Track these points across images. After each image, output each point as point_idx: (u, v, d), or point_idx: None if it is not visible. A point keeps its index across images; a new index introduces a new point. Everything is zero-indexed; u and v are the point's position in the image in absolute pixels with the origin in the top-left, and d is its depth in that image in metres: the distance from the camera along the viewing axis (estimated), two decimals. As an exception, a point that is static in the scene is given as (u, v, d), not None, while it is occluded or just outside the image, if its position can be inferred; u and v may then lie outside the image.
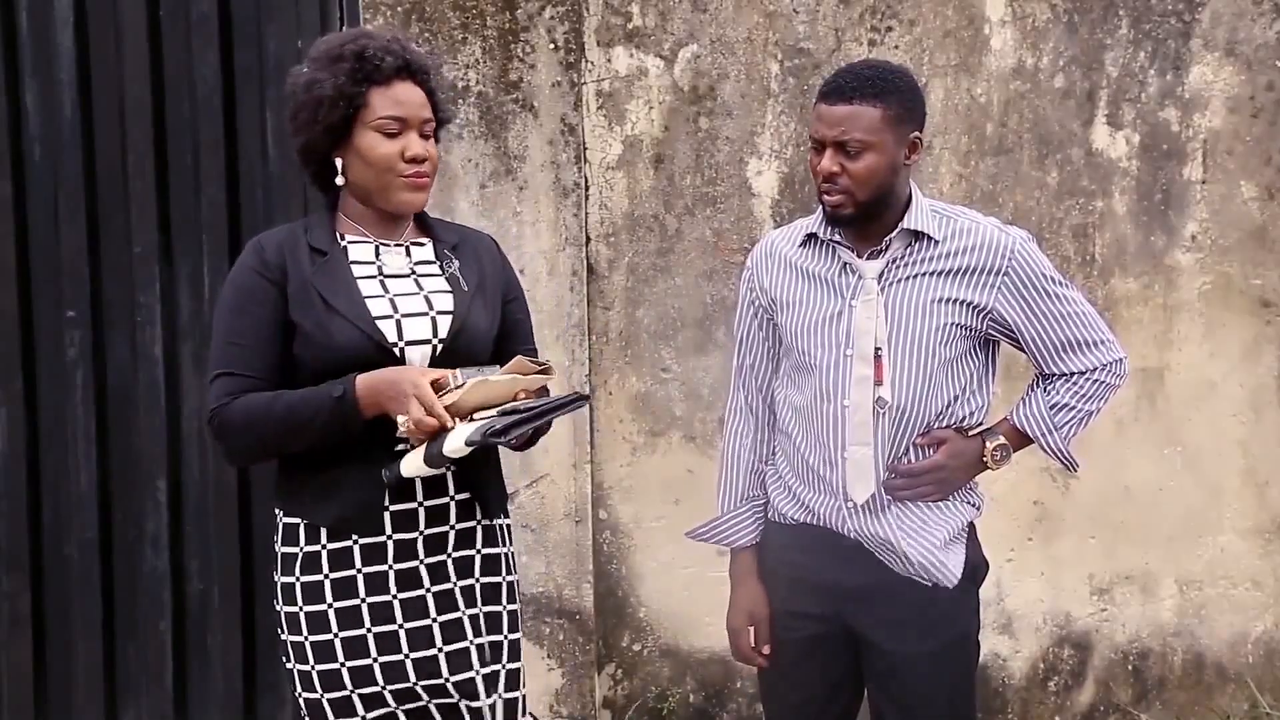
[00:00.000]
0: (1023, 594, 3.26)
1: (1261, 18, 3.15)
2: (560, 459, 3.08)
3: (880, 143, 2.01)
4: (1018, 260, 2.07)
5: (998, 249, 2.07)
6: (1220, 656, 3.31)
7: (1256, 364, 3.24)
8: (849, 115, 2.00)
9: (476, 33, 2.99)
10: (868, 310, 2.08)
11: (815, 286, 2.13)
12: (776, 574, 2.23)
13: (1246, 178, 3.19)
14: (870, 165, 2.01)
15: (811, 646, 2.19)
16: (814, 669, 2.20)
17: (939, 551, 2.12)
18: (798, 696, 2.23)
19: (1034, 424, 2.14)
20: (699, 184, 3.11)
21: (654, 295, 3.12)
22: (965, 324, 2.08)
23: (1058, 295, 2.11)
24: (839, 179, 2.02)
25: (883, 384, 2.07)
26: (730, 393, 2.29)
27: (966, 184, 3.14)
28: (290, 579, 1.94)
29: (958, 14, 3.10)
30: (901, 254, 2.08)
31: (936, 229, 2.08)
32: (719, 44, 3.08)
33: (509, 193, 3.03)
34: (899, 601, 2.12)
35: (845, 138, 2.00)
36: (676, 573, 3.17)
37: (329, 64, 1.88)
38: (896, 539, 2.11)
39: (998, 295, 2.07)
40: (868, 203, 2.04)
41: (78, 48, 2.90)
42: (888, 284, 2.08)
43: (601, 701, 3.22)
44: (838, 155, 2.02)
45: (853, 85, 2.01)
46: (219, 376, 1.88)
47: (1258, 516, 3.28)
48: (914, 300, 2.07)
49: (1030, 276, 2.08)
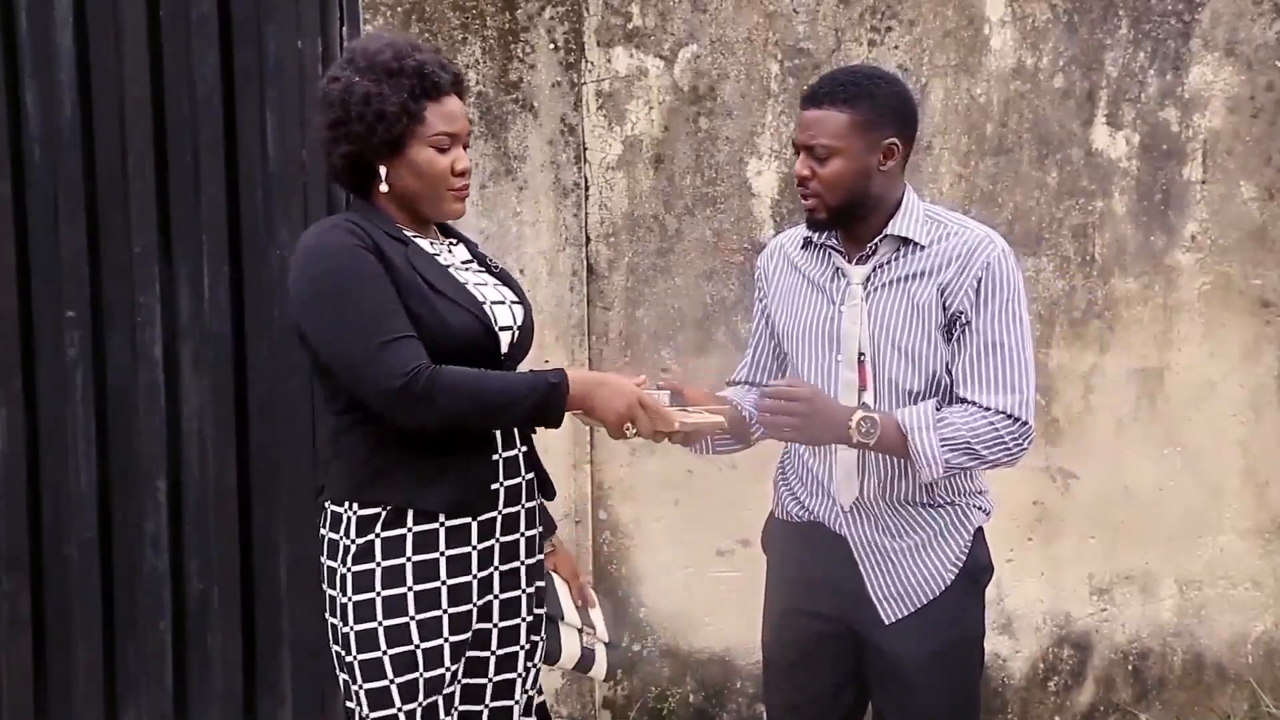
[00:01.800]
0: (1023, 594, 3.26)
1: (1261, 18, 3.15)
2: (560, 459, 3.08)
3: (846, 148, 2.01)
4: (989, 270, 2.02)
5: (974, 253, 2.04)
6: (1220, 656, 3.31)
7: (1256, 364, 3.24)
8: (816, 120, 2.02)
9: (476, 33, 2.99)
10: (853, 315, 2.08)
11: (809, 290, 2.15)
12: (784, 572, 2.24)
13: (1246, 178, 3.19)
14: (836, 170, 2.02)
15: (816, 646, 2.19)
16: (818, 668, 2.20)
17: (923, 556, 2.11)
18: (800, 696, 2.23)
19: (912, 417, 2.01)
20: (699, 184, 3.11)
21: (654, 295, 3.12)
22: (940, 327, 2.05)
23: (1010, 321, 2.02)
24: (810, 183, 2.04)
25: (867, 389, 2.07)
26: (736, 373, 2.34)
27: (966, 184, 3.14)
28: (369, 565, 1.91)
29: (958, 14, 3.10)
30: (889, 259, 2.08)
31: (924, 234, 2.06)
32: (719, 44, 3.08)
33: (509, 193, 3.03)
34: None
35: (813, 142, 2.02)
36: (676, 573, 3.16)
37: (387, 78, 1.89)
38: (881, 542, 2.11)
39: (959, 297, 2.03)
40: (839, 207, 2.05)
41: (78, 48, 2.90)
42: (873, 289, 2.08)
43: (601, 702, 3.22)
44: (809, 159, 2.04)
45: (825, 90, 2.03)
46: (397, 340, 1.82)
47: (1258, 516, 3.28)
48: (895, 305, 2.07)
49: (996, 287, 2.02)
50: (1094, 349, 3.20)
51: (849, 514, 2.12)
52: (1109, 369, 3.21)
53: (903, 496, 2.10)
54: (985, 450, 2.02)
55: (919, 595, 2.11)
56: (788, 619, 2.21)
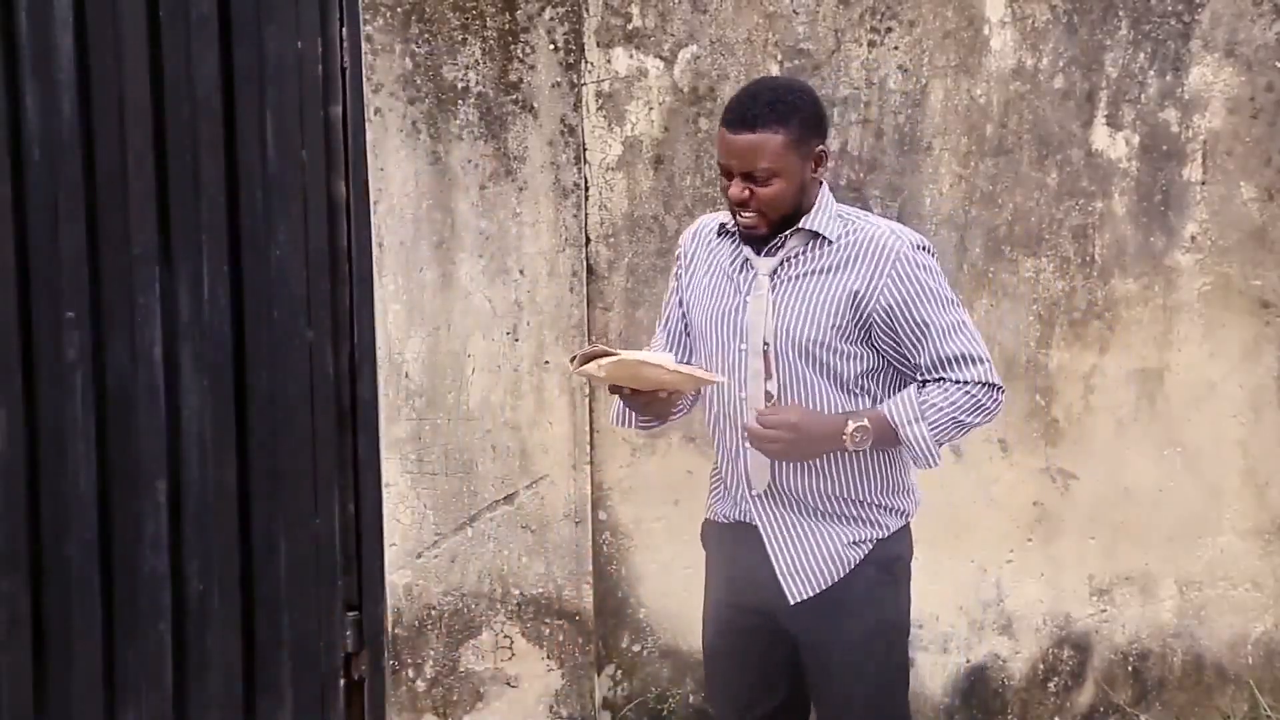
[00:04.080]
0: (1022, 595, 3.26)
1: (1261, 18, 3.15)
2: (560, 460, 3.08)
3: (785, 167, 2.05)
4: (902, 264, 2.09)
5: (884, 251, 2.10)
6: (1220, 657, 3.31)
7: (1256, 364, 3.24)
8: (753, 145, 2.04)
9: (476, 33, 2.99)
10: (758, 305, 2.14)
11: (720, 279, 2.21)
12: (716, 569, 2.32)
13: (1246, 178, 3.19)
14: (779, 189, 2.07)
15: (748, 637, 2.26)
16: (752, 659, 2.27)
17: (826, 537, 2.17)
18: (737, 685, 2.31)
19: (899, 410, 2.10)
20: (699, 185, 3.11)
21: (654, 296, 3.12)
22: (848, 324, 2.11)
23: (933, 307, 2.10)
24: (750, 203, 2.07)
25: (771, 378, 2.13)
26: (655, 335, 2.40)
27: (966, 185, 3.14)
28: None
29: (957, 15, 3.10)
30: (798, 252, 2.13)
31: (834, 231, 2.12)
32: (719, 45, 3.08)
33: (509, 193, 3.03)
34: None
35: (752, 167, 2.05)
36: (676, 573, 3.16)
37: None
38: (786, 519, 2.17)
39: (878, 298, 2.09)
40: (779, 221, 2.10)
41: (77, 48, 2.90)
42: (779, 281, 2.13)
43: (601, 702, 3.22)
44: (746, 183, 2.06)
45: (755, 112, 2.04)
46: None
47: (1258, 517, 3.28)
48: (799, 298, 2.12)
49: (911, 283, 2.09)
50: (1094, 349, 3.20)
51: (761, 499, 2.19)
52: (1109, 369, 3.21)
53: (810, 485, 2.17)
54: (968, 417, 2.12)
55: (822, 577, 2.16)
56: (720, 611, 2.29)
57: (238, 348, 3.01)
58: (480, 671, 3.12)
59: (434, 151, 2.99)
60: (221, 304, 2.99)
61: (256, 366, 3.02)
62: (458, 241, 3.02)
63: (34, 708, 3.01)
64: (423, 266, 3.01)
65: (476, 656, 3.12)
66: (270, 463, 3.04)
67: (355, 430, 3.08)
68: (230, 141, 2.97)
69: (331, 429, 3.06)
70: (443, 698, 3.12)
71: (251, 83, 2.96)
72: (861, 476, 2.18)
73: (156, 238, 2.96)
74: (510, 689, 3.13)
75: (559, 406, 3.07)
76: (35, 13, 2.88)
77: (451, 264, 3.02)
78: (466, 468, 3.06)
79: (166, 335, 2.98)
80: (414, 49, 2.97)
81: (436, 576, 3.09)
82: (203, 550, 3.04)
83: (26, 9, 2.87)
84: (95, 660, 3.01)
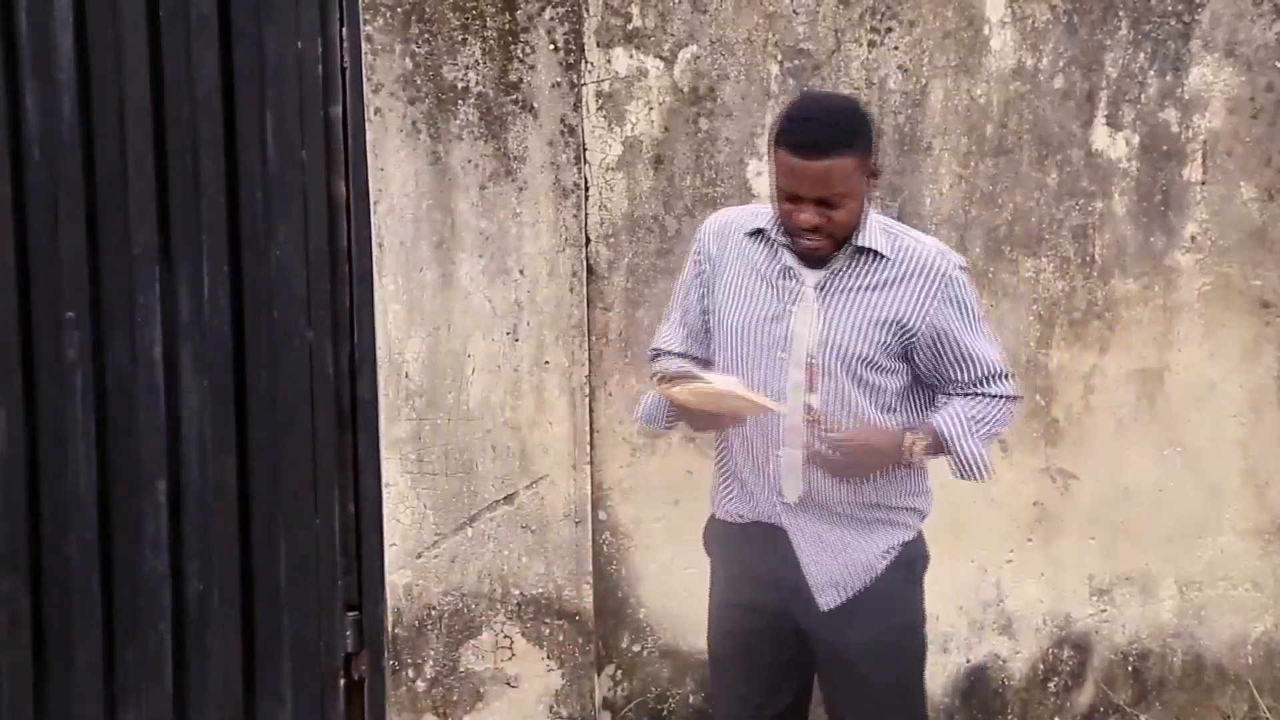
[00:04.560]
0: (1022, 595, 3.26)
1: (1261, 19, 3.15)
2: (560, 460, 3.08)
3: (856, 189, 2.05)
4: (951, 288, 2.13)
5: (934, 274, 2.12)
6: (1220, 658, 3.31)
7: (1256, 364, 3.24)
8: (828, 171, 2.01)
9: (476, 33, 2.99)
10: (805, 317, 2.12)
11: (757, 283, 2.18)
12: (727, 569, 2.32)
13: (1246, 179, 3.19)
14: (850, 211, 2.07)
15: (758, 638, 2.27)
16: (760, 660, 2.28)
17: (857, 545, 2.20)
18: (743, 687, 2.31)
19: (953, 425, 2.16)
20: (699, 185, 3.11)
21: (654, 296, 3.12)
22: (894, 341, 2.13)
23: (974, 330, 2.17)
24: (822, 228, 2.06)
25: (815, 392, 2.12)
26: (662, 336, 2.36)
27: (966, 185, 3.14)
28: None
29: (957, 15, 3.10)
30: (844, 266, 2.12)
31: (885, 246, 2.12)
32: (719, 45, 3.08)
33: (509, 194, 3.03)
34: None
35: (828, 193, 2.02)
36: (676, 574, 3.16)
37: None
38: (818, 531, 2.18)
39: (928, 320, 2.12)
40: (843, 240, 2.10)
41: (77, 48, 2.90)
42: (826, 294, 2.12)
43: (601, 702, 3.22)
44: (820, 209, 2.04)
45: (826, 138, 2.00)
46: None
47: (1258, 517, 3.28)
48: (849, 313, 2.12)
49: (958, 307, 2.14)
50: (1094, 349, 3.20)
51: (792, 508, 2.19)
52: (1109, 369, 3.21)
53: (843, 495, 2.19)
54: (1001, 429, 2.24)
55: (854, 585, 2.18)
56: (728, 612, 2.29)
57: (238, 348, 3.01)
58: (480, 671, 3.12)
59: (434, 151, 2.99)
60: (221, 304, 2.99)
61: (256, 366, 3.02)
62: (458, 241, 3.02)
63: (34, 708, 3.01)
64: (423, 266, 3.01)
65: (476, 656, 3.12)
66: (270, 463, 3.04)
67: (355, 430, 3.08)
68: (230, 141, 2.97)
69: (331, 429, 3.06)
70: (443, 698, 3.12)
71: (251, 83, 2.96)
72: (889, 482, 2.21)
73: (156, 238, 2.96)
74: (510, 689, 3.13)
75: (559, 406, 3.07)
76: (35, 13, 2.88)
77: (451, 264, 3.02)
78: (466, 468, 3.06)
79: (166, 335, 2.98)
80: (414, 49, 2.97)
81: (436, 576, 3.09)
82: (203, 550, 3.04)
83: (26, 9, 2.87)
84: (95, 660, 3.01)
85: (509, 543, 3.09)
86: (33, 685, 3.00)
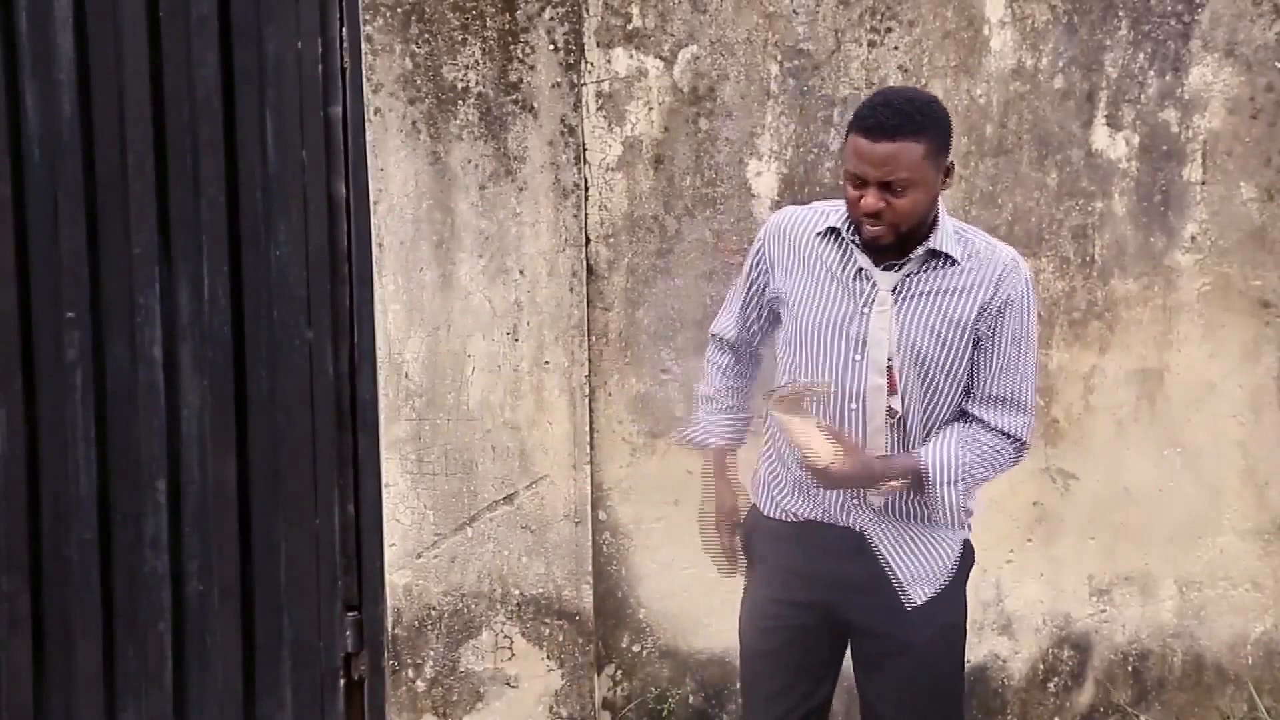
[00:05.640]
0: (1022, 595, 3.26)
1: (1261, 19, 3.15)
2: (560, 460, 3.08)
3: (922, 178, 2.03)
4: (1021, 291, 2.12)
5: (1006, 276, 2.11)
6: (1220, 658, 3.31)
7: (1256, 365, 3.24)
8: (893, 154, 2.00)
9: (476, 34, 2.99)
10: (881, 320, 2.11)
11: (830, 284, 2.16)
12: (767, 562, 2.31)
13: (1246, 179, 3.19)
14: (914, 200, 2.04)
15: (797, 635, 2.26)
16: (796, 656, 2.27)
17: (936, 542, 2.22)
18: (777, 683, 2.30)
19: (944, 471, 2.13)
20: (699, 185, 3.11)
21: (654, 296, 3.12)
22: (966, 345, 2.12)
23: (1026, 344, 2.15)
24: (884, 214, 2.04)
25: (895, 394, 2.12)
26: (720, 322, 2.39)
27: (966, 185, 3.14)
28: None
29: (957, 15, 3.10)
30: (918, 269, 2.12)
31: (957, 251, 2.11)
32: (719, 45, 3.08)
33: (508, 194, 3.03)
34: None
35: (891, 177, 2.01)
36: (676, 574, 3.17)
37: None
38: (905, 532, 2.20)
39: (988, 319, 2.11)
40: (908, 232, 2.08)
41: (77, 48, 2.90)
42: (901, 297, 2.11)
43: (601, 702, 3.22)
44: (883, 193, 2.02)
45: (895, 122, 2.00)
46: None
47: (1257, 517, 3.28)
48: (925, 317, 2.11)
49: (1020, 311, 2.12)
50: (1094, 349, 3.20)
51: (873, 511, 2.19)
52: (1109, 370, 3.21)
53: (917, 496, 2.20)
54: (991, 474, 2.18)
55: (939, 579, 2.20)
56: (774, 607, 2.27)
57: (238, 348, 3.01)
58: (480, 671, 3.12)
59: (434, 151, 3.00)
60: (221, 304, 2.99)
61: (256, 366, 3.02)
62: (458, 241, 3.02)
63: (34, 708, 3.01)
64: (423, 266, 3.01)
65: (476, 656, 3.12)
66: (270, 463, 3.04)
67: (355, 430, 3.08)
68: (230, 141, 2.97)
69: (331, 429, 3.06)
70: (443, 698, 3.12)
71: (251, 83, 2.96)
72: None
73: (156, 238, 2.96)
74: (510, 689, 3.13)
75: (559, 406, 3.07)
76: (35, 13, 2.88)
77: (451, 264, 3.02)
78: (466, 468, 3.06)
79: (166, 335, 2.98)
80: (414, 49, 2.97)
81: (436, 576, 3.09)
82: (203, 550, 3.04)
83: (26, 9, 2.88)
84: (96, 659, 3.01)
85: (509, 543, 3.09)
86: (33, 685, 3.00)
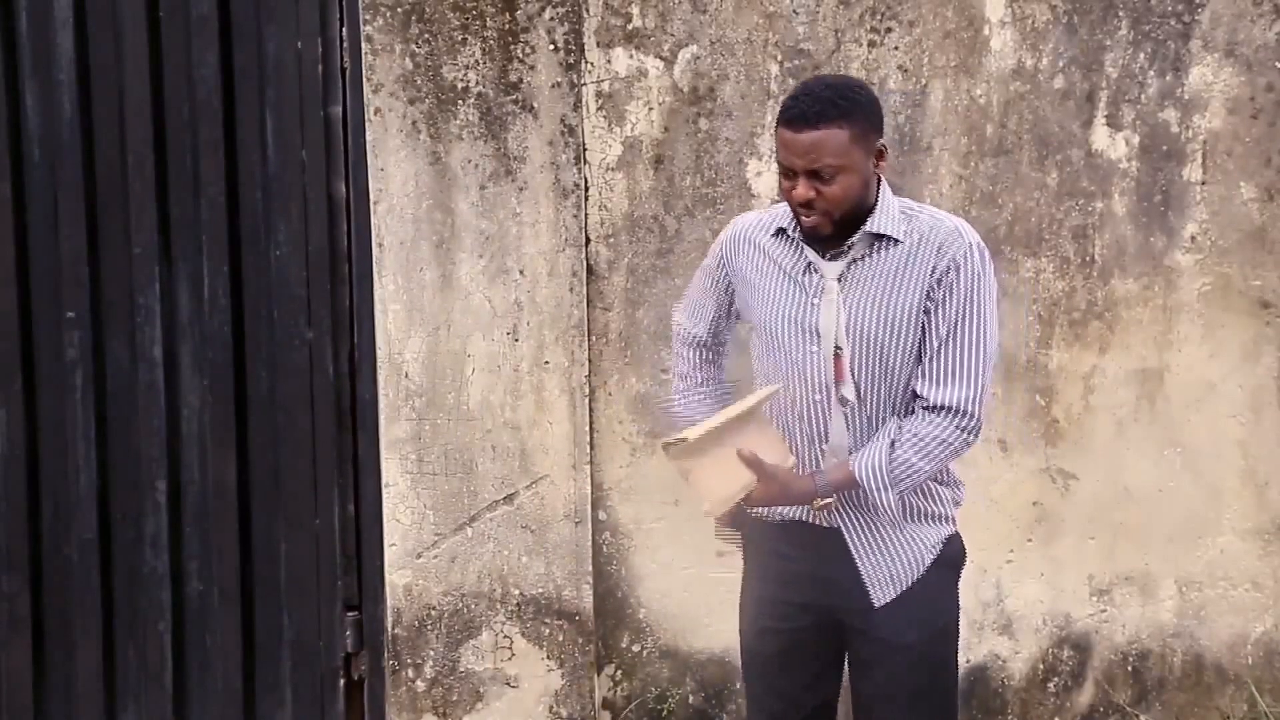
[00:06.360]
0: (1022, 595, 3.26)
1: (1261, 19, 3.15)
2: (560, 460, 3.08)
3: (850, 163, 2.03)
4: (960, 263, 2.08)
5: (947, 247, 2.09)
6: (1220, 658, 3.31)
7: (1256, 365, 3.24)
8: (817, 142, 2.01)
9: (476, 34, 2.99)
10: (829, 310, 2.12)
11: (784, 282, 2.19)
12: (767, 566, 2.30)
13: (1246, 179, 3.19)
14: (845, 185, 2.04)
15: (800, 635, 2.26)
16: (800, 657, 2.28)
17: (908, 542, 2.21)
18: (784, 683, 2.30)
19: (873, 478, 2.11)
20: (699, 185, 3.11)
21: (654, 296, 3.12)
22: (918, 323, 2.10)
23: (971, 313, 2.08)
24: (815, 203, 2.05)
25: (844, 383, 2.12)
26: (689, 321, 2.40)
27: (966, 185, 3.14)
28: None
29: (957, 15, 3.10)
30: (863, 254, 2.12)
31: (900, 231, 2.10)
32: (719, 45, 3.08)
33: (508, 194, 3.03)
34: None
35: (818, 164, 2.02)
36: (676, 573, 3.17)
37: None
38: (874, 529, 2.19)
39: (933, 292, 2.09)
40: (844, 219, 2.08)
41: (77, 48, 2.90)
42: (848, 285, 2.12)
43: (601, 702, 3.22)
44: (812, 181, 2.03)
45: (816, 109, 2.01)
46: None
47: (1257, 517, 3.28)
48: (872, 301, 2.11)
49: (960, 280, 2.08)
50: (1094, 349, 3.20)
51: (852, 509, 2.19)
52: (1109, 369, 3.21)
53: None
54: (934, 465, 2.11)
55: (905, 580, 2.19)
56: (771, 608, 2.28)
57: (238, 348, 3.01)
58: (480, 671, 3.12)
59: (434, 151, 3.00)
60: (221, 304, 2.99)
61: (256, 366, 3.02)
62: (458, 241, 3.02)
63: (34, 706, 3.01)
64: (423, 266, 3.01)
65: (476, 656, 3.12)
66: (270, 463, 3.04)
67: (355, 430, 3.08)
68: (230, 141, 2.97)
69: (331, 429, 3.06)
70: (443, 698, 3.12)
71: (251, 83, 2.96)
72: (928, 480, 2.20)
73: (156, 238, 2.97)
74: (510, 689, 3.13)
75: (559, 406, 3.07)
76: (35, 13, 2.88)
77: (451, 264, 3.02)
78: (466, 468, 3.07)
79: (166, 335, 2.98)
80: (414, 49, 2.97)
81: (436, 576, 3.09)
82: (203, 550, 3.04)
83: (26, 9, 2.88)
84: (96, 659, 3.01)
85: (509, 543, 3.09)
86: (33, 685, 3.01)
